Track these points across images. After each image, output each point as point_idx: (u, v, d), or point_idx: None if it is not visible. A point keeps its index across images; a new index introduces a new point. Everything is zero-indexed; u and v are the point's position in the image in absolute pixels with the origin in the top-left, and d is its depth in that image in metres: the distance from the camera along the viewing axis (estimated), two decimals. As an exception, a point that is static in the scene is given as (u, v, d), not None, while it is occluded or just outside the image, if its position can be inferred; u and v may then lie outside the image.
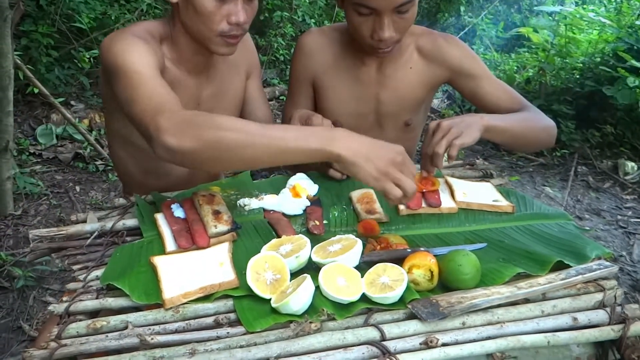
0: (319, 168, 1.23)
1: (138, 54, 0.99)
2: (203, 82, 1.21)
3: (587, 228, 1.16)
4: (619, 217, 2.89)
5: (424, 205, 1.08)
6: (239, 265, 0.87)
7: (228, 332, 0.76)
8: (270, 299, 0.80)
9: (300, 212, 1.08)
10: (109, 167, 3.02)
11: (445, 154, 1.06)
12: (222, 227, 0.93)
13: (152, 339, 0.74)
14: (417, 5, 1.17)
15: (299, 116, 1.13)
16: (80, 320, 0.79)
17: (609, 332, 0.81)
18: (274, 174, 1.73)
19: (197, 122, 0.86)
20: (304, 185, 1.13)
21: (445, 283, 0.86)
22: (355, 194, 1.12)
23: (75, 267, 0.92)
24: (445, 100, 4.53)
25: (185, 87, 1.17)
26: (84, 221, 1.04)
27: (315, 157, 0.85)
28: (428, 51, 1.35)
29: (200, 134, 0.84)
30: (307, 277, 0.80)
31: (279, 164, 0.89)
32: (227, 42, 1.08)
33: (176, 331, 0.77)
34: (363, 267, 0.86)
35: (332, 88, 1.36)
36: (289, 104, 1.42)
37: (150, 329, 0.77)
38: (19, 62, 2.56)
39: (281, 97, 4.51)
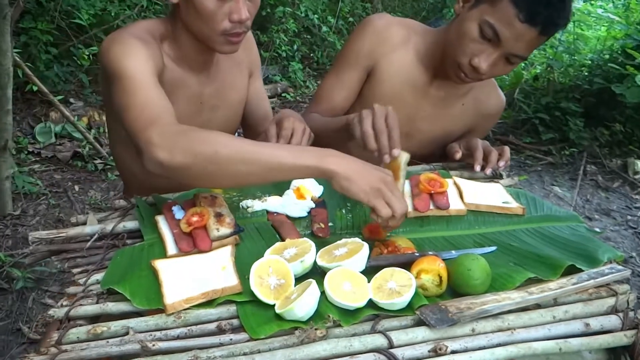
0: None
1: (136, 58, 0.97)
2: (205, 80, 1.20)
3: (597, 229, 1.14)
4: (629, 217, 2.86)
5: (432, 207, 1.06)
6: (242, 270, 0.85)
7: (231, 339, 0.74)
8: (274, 305, 0.78)
9: (305, 214, 1.05)
10: (108, 166, 3.00)
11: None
12: (225, 230, 0.91)
13: (153, 345, 0.72)
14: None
15: (276, 118, 1.13)
16: (81, 325, 0.78)
17: (621, 338, 0.79)
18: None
19: (190, 137, 0.85)
20: (308, 187, 1.10)
21: (455, 288, 0.84)
22: None
23: (75, 271, 0.91)
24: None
25: (187, 86, 1.16)
26: (84, 223, 1.02)
27: (308, 173, 0.87)
28: (485, 103, 1.35)
29: (194, 149, 0.84)
30: (312, 282, 0.78)
31: (270, 180, 0.89)
32: (230, 41, 1.06)
33: (178, 337, 0.75)
34: (370, 271, 0.84)
35: (385, 83, 1.30)
36: (333, 84, 1.33)
37: (151, 334, 0.75)
38: (18, 59, 2.54)
39: (283, 95, 4.48)
